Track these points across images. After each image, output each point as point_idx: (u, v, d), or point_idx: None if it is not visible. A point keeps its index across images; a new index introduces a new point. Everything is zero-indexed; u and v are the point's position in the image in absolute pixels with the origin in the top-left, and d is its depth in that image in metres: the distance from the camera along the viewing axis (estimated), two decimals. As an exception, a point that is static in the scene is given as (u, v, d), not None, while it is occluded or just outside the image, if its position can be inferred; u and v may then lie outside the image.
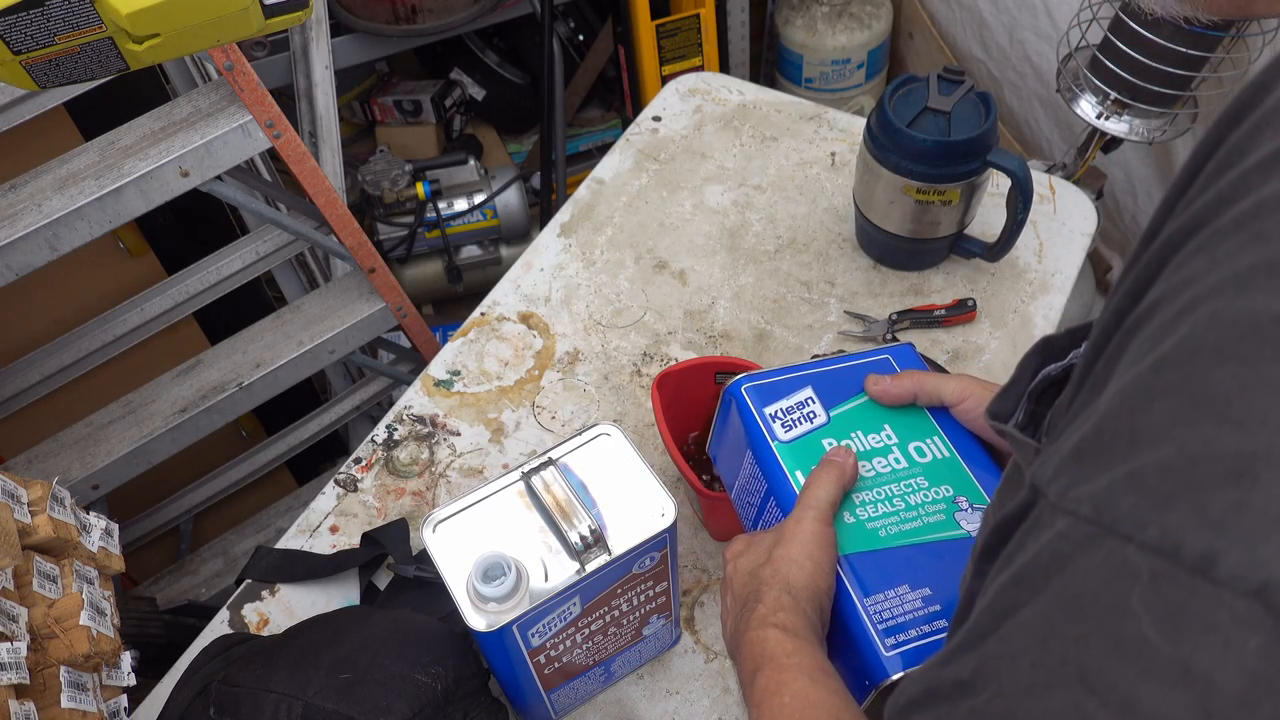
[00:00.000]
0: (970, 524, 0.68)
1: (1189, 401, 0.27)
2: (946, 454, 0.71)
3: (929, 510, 0.68)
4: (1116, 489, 0.28)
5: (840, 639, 0.64)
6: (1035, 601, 0.29)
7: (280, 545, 0.96)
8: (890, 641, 0.61)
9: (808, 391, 0.73)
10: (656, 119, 1.32)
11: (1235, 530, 0.24)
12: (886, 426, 0.72)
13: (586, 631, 0.73)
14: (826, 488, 0.65)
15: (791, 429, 0.72)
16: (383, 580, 0.94)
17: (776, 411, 0.72)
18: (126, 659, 0.82)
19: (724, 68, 2.11)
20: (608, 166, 1.27)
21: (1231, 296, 0.27)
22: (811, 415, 0.72)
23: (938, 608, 0.62)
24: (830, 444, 0.71)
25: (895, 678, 0.60)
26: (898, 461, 0.70)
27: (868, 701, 0.60)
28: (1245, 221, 0.28)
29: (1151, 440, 0.27)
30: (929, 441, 0.72)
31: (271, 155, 1.41)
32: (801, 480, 0.68)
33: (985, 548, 0.35)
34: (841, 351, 1.05)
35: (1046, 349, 0.50)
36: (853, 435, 0.72)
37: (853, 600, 0.63)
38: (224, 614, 0.92)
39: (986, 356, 1.06)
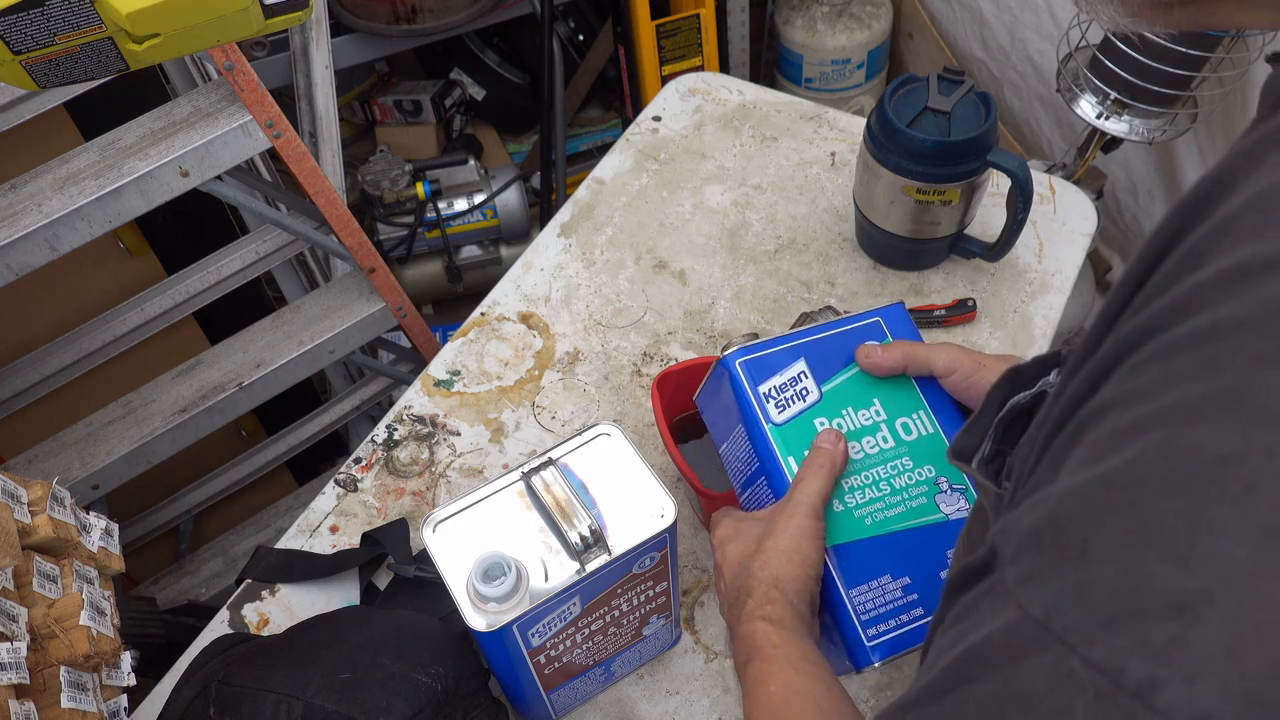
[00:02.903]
0: (949, 506, 0.70)
1: (1137, 528, 0.28)
2: (930, 430, 0.73)
3: (912, 494, 0.70)
4: (1065, 598, 0.29)
5: (826, 622, 0.68)
6: (987, 681, 0.31)
7: (280, 545, 0.96)
8: (872, 632, 0.66)
9: (800, 365, 0.73)
10: (656, 119, 1.32)
11: (1175, 662, 0.26)
12: (876, 401, 0.73)
13: (586, 631, 0.73)
14: (818, 482, 0.67)
15: (785, 409, 0.72)
16: (383, 580, 0.94)
17: (770, 390, 0.72)
18: (126, 659, 0.82)
19: (724, 68, 2.11)
20: (608, 166, 1.27)
21: (1182, 425, 0.29)
22: (804, 393, 0.72)
23: (915, 596, 0.67)
24: (822, 423, 0.72)
25: (876, 665, 0.65)
26: (885, 440, 0.72)
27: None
28: (1199, 342, 0.29)
29: (1100, 557, 0.29)
30: (915, 417, 0.73)
31: (271, 155, 1.41)
32: (794, 467, 0.70)
33: (952, 584, 0.37)
34: (829, 309, 1.06)
35: (1014, 379, 0.51)
36: (843, 413, 0.72)
37: (839, 591, 0.67)
38: (224, 614, 0.92)
39: (986, 356, 1.06)
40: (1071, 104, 1.34)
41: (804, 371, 0.73)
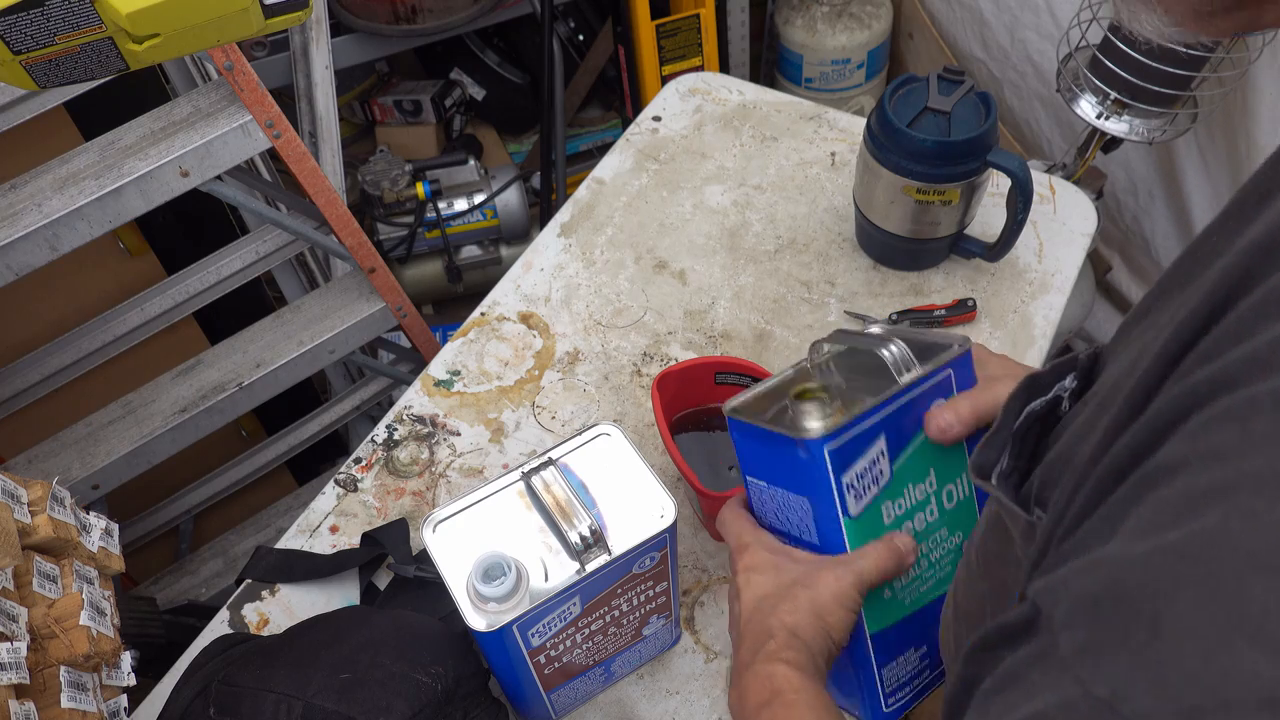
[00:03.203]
0: None
1: (1220, 607, 0.26)
2: (967, 494, 0.69)
3: (942, 565, 0.68)
4: (1137, 680, 0.27)
5: (846, 678, 0.68)
6: None
7: (280, 545, 0.96)
8: (891, 700, 0.68)
9: (880, 444, 0.65)
10: (656, 119, 1.32)
11: None
12: (931, 471, 0.68)
13: (586, 631, 0.73)
14: (879, 572, 0.62)
15: (861, 497, 0.65)
16: (383, 580, 0.94)
17: (853, 480, 0.64)
18: (126, 659, 0.82)
19: (724, 68, 2.11)
20: (608, 166, 1.27)
21: (1272, 498, 0.26)
22: (879, 476, 0.66)
23: (928, 661, 0.69)
24: (889, 509, 0.66)
25: None
26: (931, 514, 0.68)
27: None
28: None
29: (1176, 636, 0.26)
30: (958, 481, 0.69)
31: (271, 155, 1.41)
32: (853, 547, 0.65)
33: (987, 641, 0.35)
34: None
35: (1031, 386, 0.48)
36: (905, 491, 0.67)
37: (871, 667, 0.67)
38: (224, 614, 0.92)
39: (986, 356, 1.06)
40: (1071, 104, 1.34)
41: (882, 451, 0.65)
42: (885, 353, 0.63)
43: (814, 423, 0.61)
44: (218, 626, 0.91)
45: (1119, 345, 0.45)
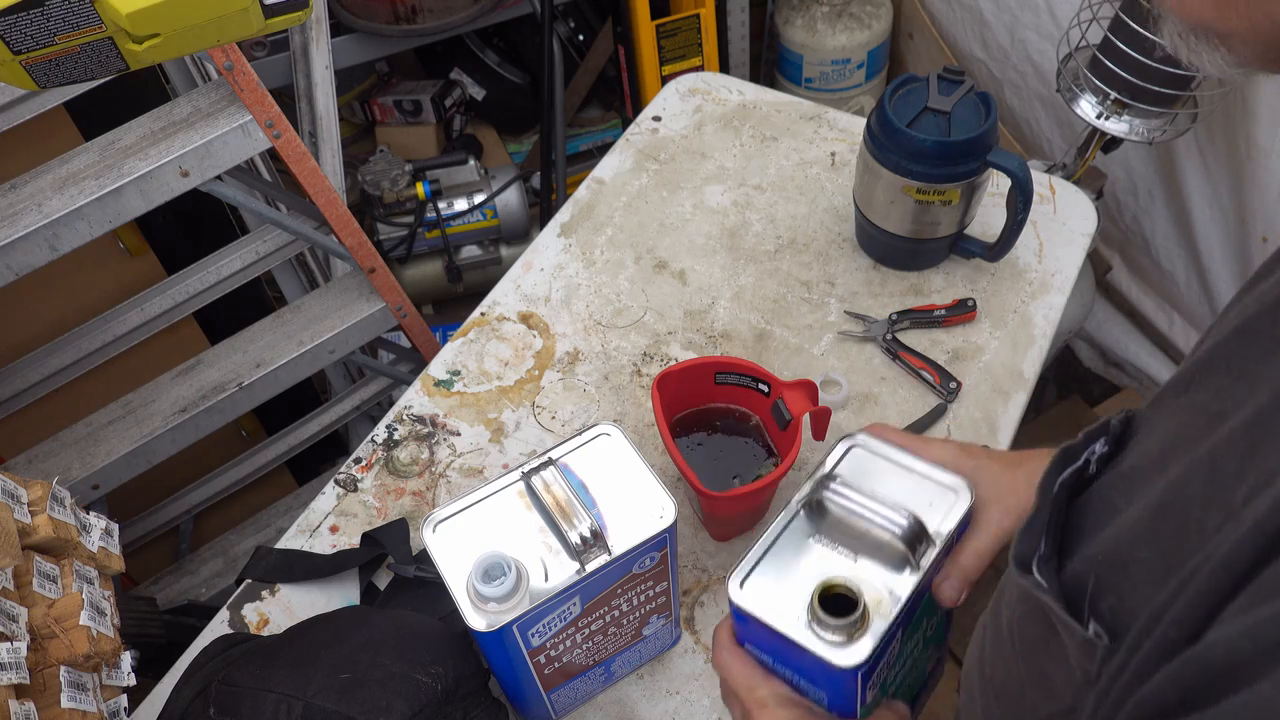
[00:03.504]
0: None
1: None
2: (940, 616, 0.70)
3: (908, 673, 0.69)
4: None
5: None
6: None
7: (280, 545, 0.96)
8: None
9: (898, 634, 0.64)
10: (656, 119, 1.32)
11: None
12: (924, 620, 0.68)
13: (586, 631, 0.73)
14: None
15: (877, 683, 0.65)
16: (383, 580, 0.94)
17: (874, 677, 0.63)
18: (126, 659, 0.82)
19: (724, 68, 2.11)
20: (608, 166, 1.27)
21: None
22: (893, 657, 0.65)
23: None
24: (890, 669, 0.66)
25: None
26: (916, 647, 0.68)
27: None
28: None
29: None
30: (938, 611, 0.69)
31: (271, 155, 1.41)
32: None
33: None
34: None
35: (1064, 458, 0.46)
36: (906, 649, 0.67)
37: None
38: (224, 614, 0.92)
39: (986, 357, 1.06)
40: (1071, 104, 1.34)
41: (898, 636, 0.63)
42: (896, 530, 0.61)
43: (846, 650, 0.59)
44: (218, 626, 0.91)
45: (1155, 415, 0.43)
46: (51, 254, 1.17)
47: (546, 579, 0.66)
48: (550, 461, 0.70)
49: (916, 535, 0.62)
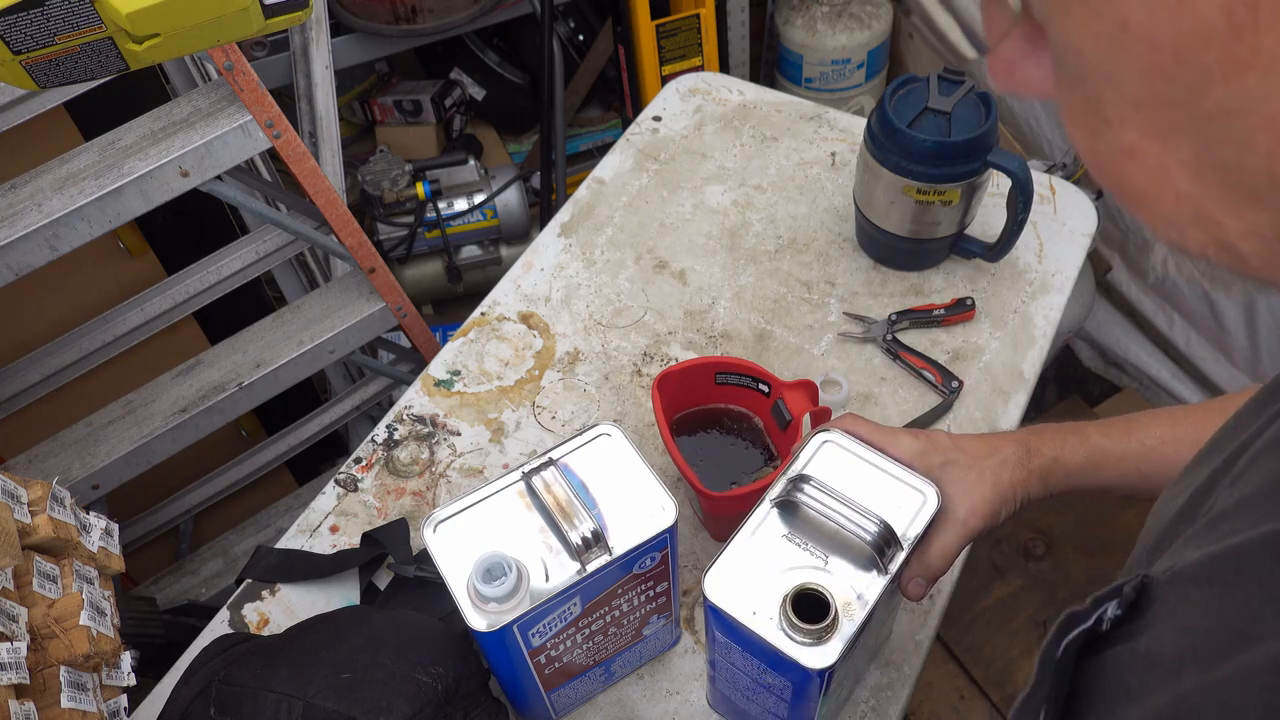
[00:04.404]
0: None
1: None
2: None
3: None
4: None
5: None
6: None
7: (280, 545, 0.96)
8: None
9: (863, 635, 0.66)
10: (656, 119, 1.32)
11: None
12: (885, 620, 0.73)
13: (587, 631, 0.73)
14: None
15: (838, 687, 0.68)
16: (383, 580, 0.94)
17: (838, 674, 0.65)
18: (126, 659, 0.82)
19: (724, 68, 2.11)
20: (608, 166, 1.27)
21: None
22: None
23: None
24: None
25: None
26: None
27: None
28: None
29: None
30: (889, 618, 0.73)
31: (271, 155, 1.41)
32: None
33: None
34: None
35: (1068, 622, 0.43)
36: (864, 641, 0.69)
37: None
38: (224, 614, 0.92)
39: (986, 357, 1.06)
40: (1071, 104, 1.34)
41: (860, 631, 0.65)
42: (866, 536, 0.63)
43: (816, 651, 0.61)
44: (218, 626, 0.91)
45: (1175, 594, 0.39)
46: (51, 254, 1.16)
47: (547, 579, 0.66)
48: (551, 461, 0.70)
49: (886, 540, 0.64)
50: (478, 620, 0.64)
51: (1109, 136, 0.26)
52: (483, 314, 1.13)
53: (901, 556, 0.65)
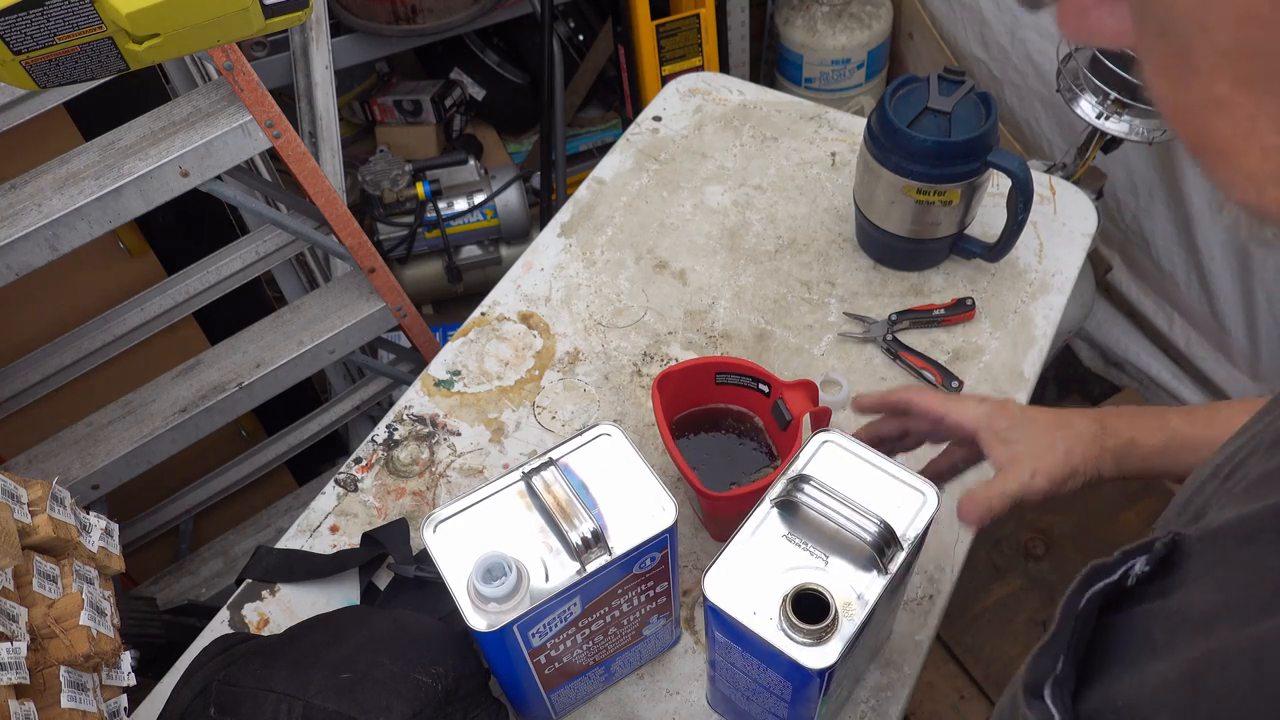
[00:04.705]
0: None
1: None
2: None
3: None
4: None
5: None
6: None
7: (280, 545, 0.96)
8: None
9: (864, 634, 0.67)
10: (657, 119, 1.32)
11: None
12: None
13: (587, 632, 0.73)
14: None
15: (838, 686, 0.68)
16: (383, 580, 0.94)
17: (838, 674, 0.65)
18: (126, 659, 0.82)
19: (724, 68, 2.11)
20: (608, 166, 1.27)
21: None
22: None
23: None
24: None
25: None
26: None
27: None
28: None
29: None
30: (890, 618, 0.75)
31: (271, 155, 1.41)
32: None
33: None
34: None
35: (1091, 575, 0.42)
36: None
37: None
38: (224, 614, 0.92)
39: (986, 357, 1.06)
40: (1071, 104, 1.34)
41: (861, 631, 0.65)
42: (866, 537, 0.63)
43: (816, 651, 0.62)
44: (218, 626, 0.91)
45: (1212, 553, 0.39)
46: (51, 254, 1.16)
47: (547, 579, 0.66)
48: (551, 461, 0.70)
49: (885, 540, 0.64)
50: (478, 620, 0.64)
51: (1197, 86, 0.25)
52: (483, 314, 1.13)
53: (901, 556, 0.65)
